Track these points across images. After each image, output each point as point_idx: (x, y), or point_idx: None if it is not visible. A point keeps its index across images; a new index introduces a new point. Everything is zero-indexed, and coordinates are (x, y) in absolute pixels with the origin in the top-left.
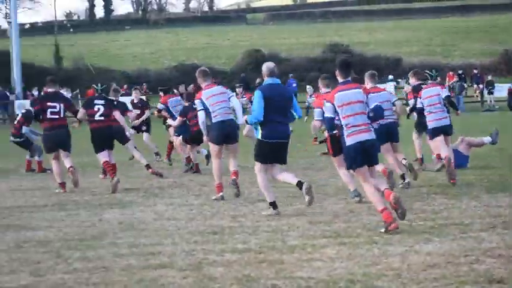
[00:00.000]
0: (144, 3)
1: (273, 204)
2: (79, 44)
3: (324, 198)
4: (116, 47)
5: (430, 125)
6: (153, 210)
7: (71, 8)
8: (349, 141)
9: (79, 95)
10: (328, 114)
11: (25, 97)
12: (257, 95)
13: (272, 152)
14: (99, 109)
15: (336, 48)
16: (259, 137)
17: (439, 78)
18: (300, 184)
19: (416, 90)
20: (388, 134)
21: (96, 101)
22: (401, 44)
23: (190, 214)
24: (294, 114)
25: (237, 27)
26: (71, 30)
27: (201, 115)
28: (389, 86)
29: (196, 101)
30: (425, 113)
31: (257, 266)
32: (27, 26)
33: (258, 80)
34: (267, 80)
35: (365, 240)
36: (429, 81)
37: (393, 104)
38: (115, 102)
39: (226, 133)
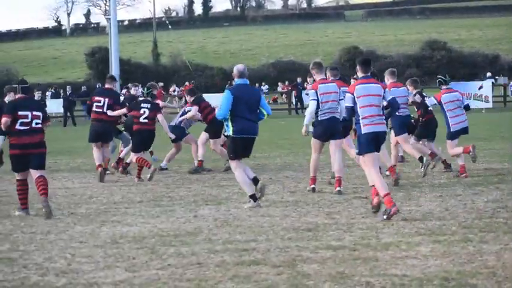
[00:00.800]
0: (243, 1)
1: (253, 197)
2: (177, 41)
3: (419, 195)
4: (214, 44)
5: (453, 127)
6: (248, 207)
7: (169, 5)
8: (364, 130)
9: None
10: (347, 104)
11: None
12: (226, 94)
13: (243, 147)
14: (144, 112)
15: (434, 45)
16: (231, 133)
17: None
18: (256, 181)
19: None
20: (405, 125)
21: (142, 104)
22: (499, 40)
23: (285, 211)
24: (264, 112)
25: (335, 24)
26: (169, 27)
27: (312, 105)
28: (487, 83)
29: (311, 91)
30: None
31: (351, 263)
32: (126, 23)
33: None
34: (237, 81)
35: (460, 238)
36: (443, 87)
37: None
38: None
39: (330, 130)
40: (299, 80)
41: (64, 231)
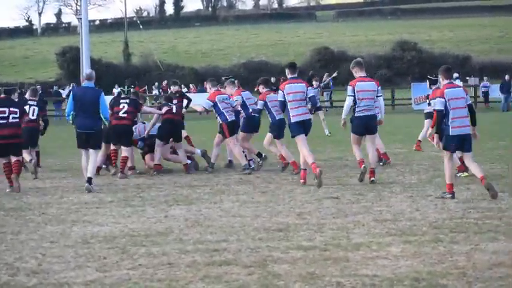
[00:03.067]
0: (214, 1)
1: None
2: (148, 41)
3: (390, 196)
4: (185, 44)
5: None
6: (219, 207)
7: (140, 5)
8: (294, 119)
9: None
10: (280, 99)
11: None
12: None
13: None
14: (123, 107)
15: (405, 46)
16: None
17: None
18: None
19: None
20: None
21: (121, 100)
22: (470, 42)
23: (256, 211)
24: None
25: (306, 24)
26: (141, 27)
27: (349, 100)
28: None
29: (348, 88)
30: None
31: (322, 264)
32: (97, 23)
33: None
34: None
35: (430, 238)
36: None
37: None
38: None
39: (366, 126)
40: (273, 80)
41: (35, 231)
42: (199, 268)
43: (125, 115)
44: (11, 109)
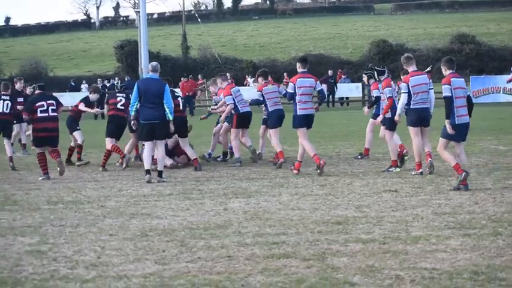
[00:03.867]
0: None
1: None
2: (206, 34)
3: (448, 189)
4: (243, 37)
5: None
6: (278, 200)
7: None
8: (300, 111)
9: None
10: (289, 90)
11: None
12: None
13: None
14: (121, 100)
15: (463, 39)
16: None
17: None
18: None
19: None
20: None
21: (118, 94)
22: None
23: (315, 204)
24: None
25: (364, 17)
26: (199, 20)
27: (404, 98)
28: None
29: (402, 85)
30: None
31: (381, 257)
32: (155, 16)
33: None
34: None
35: (489, 231)
36: (382, 77)
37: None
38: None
39: (422, 118)
40: (330, 73)
41: (94, 224)
42: (258, 261)
43: (123, 107)
44: (48, 102)
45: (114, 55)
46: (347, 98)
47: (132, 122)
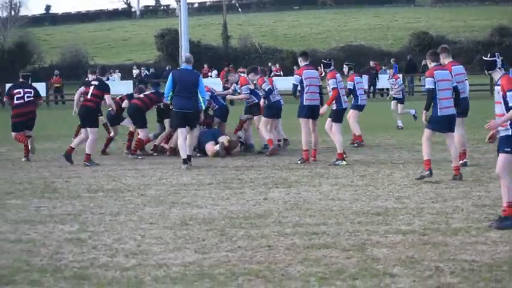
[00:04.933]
0: None
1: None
2: (247, 24)
3: (488, 181)
4: (284, 27)
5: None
6: (318, 190)
7: None
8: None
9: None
10: (295, 82)
11: None
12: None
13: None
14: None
15: (503, 32)
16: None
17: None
18: None
19: None
20: None
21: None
22: None
23: (355, 195)
24: None
25: (404, 8)
26: (239, 10)
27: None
28: None
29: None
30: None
31: (421, 248)
32: (196, 5)
33: (423, 62)
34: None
35: None
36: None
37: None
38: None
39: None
40: (372, 64)
41: (134, 212)
42: (298, 251)
43: (91, 97)
44: (26, 90)
45: (155, 44)
46: (387, 89)
47: (162, 105)
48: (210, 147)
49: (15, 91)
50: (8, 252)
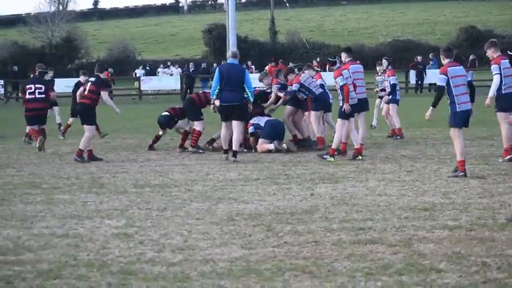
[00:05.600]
0: None
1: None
2: (295, 19)
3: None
4: (332, 22)
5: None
6: (365, 186)
7: None
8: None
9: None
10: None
11: None
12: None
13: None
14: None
15: None
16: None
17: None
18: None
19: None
20: None
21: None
22: None
23: (402, 190)
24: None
25: (452, 3)
26: (287, 5)
27: (497, 79)
28: None
29: (494, 66)
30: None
31: (467, 243)
32: (243, 0)
33: (471, 57)
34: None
35: None
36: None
37: None
38: None
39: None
40: (419, 58)
41: (180, 207)
42: (345, 246)
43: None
44: (36, 86)
45: (202, 39)
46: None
47: (212, 106)
48: (262, 144)
49: (27, 86)
50: (55, 247)
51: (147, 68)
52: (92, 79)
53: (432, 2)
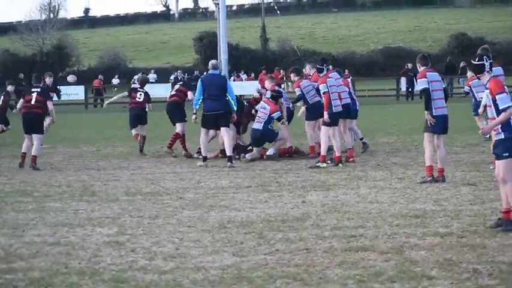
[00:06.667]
0: None
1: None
2: (285, 26)
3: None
4: (323, 30)
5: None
6: (356, 193)
7: None
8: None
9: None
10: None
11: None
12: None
13: None
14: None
15: None
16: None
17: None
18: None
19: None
20: None
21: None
22: None
23: (393, 197)
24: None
25: (443, 10)
26: (278, 12)
27: None
28: None
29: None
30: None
31: (459, 250)
32: (234, 8)
33: (461, 64)
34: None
35: None
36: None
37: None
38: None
39: None
40: (409, 65)
41: (172, 215)
42: (336, 254)
43: (36, 104)
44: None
45: (193, 47)
46: None
47: (194, 117)
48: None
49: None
50: (46, 255)
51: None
52: (37, 89)
53: (423, 9)
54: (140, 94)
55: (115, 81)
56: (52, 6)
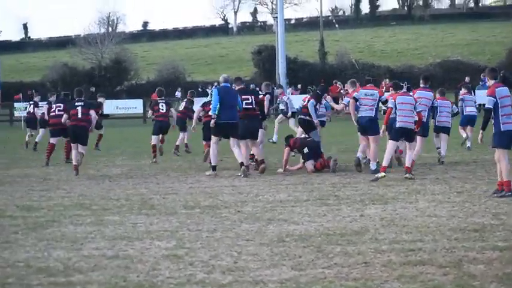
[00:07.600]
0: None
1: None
2: (344, 40)
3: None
4: (381, 43)
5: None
6: (414, 207)
7: (336, 4)
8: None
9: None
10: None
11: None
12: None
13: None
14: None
15: None
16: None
17: None
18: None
19: None
20: None
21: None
22: None
23: (452, 211)
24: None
25: (502, 23)
26: (336, 26)
27: None
28: None
29: None
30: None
31: None
32: (292, 22)
33: None
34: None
35: None
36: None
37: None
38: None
39: None
40: (467, 79)
41: (230, 229)
42: (395, 268)
43: (82, 117)
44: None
45: (252, 60)
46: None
47: (212, 121)
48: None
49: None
50: (105, 269)
51: (199, 89)
52: (81, 103)
53: (481, 22)
54: (162, 105)
55: (178, 94)
56: (111, 20)
